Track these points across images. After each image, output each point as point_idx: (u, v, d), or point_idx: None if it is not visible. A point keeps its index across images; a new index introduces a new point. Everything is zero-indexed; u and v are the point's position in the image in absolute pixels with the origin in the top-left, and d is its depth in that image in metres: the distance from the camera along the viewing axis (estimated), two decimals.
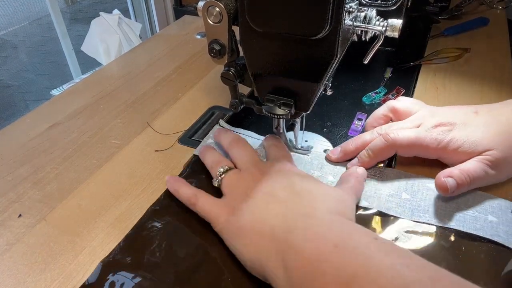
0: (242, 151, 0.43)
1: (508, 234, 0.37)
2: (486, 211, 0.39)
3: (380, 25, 0.38)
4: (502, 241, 0.36)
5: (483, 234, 0.37)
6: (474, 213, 0.39)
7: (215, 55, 0.41)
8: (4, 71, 2.59)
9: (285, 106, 0.40)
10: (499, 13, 0.86)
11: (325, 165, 0.46)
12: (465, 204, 0.40)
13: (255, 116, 0.55)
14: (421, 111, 0.45)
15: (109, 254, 0.37)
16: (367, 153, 0.44)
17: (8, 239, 0.39)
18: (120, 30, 1.64)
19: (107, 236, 0.39)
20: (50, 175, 0.46)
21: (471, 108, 0.43)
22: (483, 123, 0.41)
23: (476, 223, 0.38)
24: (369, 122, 0.48)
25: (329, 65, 0.36)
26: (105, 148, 0.50)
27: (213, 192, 0.41)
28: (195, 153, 0.48)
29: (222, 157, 0.43)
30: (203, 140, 0.50)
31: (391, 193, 0.41)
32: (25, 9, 3.44)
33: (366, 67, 0.67)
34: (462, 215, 0.39)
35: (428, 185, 0.42)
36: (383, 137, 0.43)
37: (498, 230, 0.37)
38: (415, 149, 0.42)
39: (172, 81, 0.65)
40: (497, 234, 0.37)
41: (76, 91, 0.63)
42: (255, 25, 0.35)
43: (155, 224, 0.40)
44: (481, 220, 0.38)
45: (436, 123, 0.42)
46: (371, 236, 0.31)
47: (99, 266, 0.36)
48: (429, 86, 0.61)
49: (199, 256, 0.36)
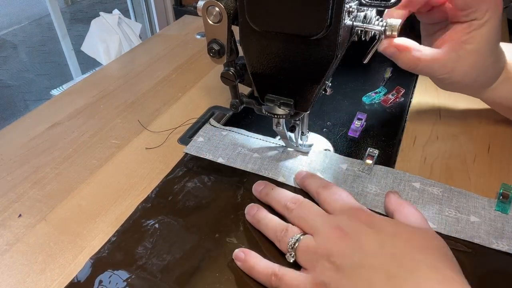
0: (308, 210, 0.37)
1: (489, 234, 0.37)
2: (469, 211, 0.39)
3: (380, 25, 0.38)
4: (482, 242, 0.37)
5: (463, 236, 0.37)
6: (457, 214, 0.39)
7: (214, 55, 0.40)
8: (4, 71, 2.59)
9: (285, 106, 0.40)
10: None
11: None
12: (448, 205, 0.40)
13: (255, 116, 0.55)
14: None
15: (98, 251, 0.37)
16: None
17: (8, 239, 0.39)
18: (120, 30, 1.64)
19: (107, 236, 0.39)
20: (50, 175, 0.46)
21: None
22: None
23: (458, 225, 0.38)
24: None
25: (329, 65, 0.36)
26: (105, 148, 0.50)
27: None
28: (185, 151, 0.48)
29: (283, 223, 0.37)
30: (193, 139, 0.50)
31: (378, 192, 0.42)
32: (25, 9, 3.44)
33: (366, 67, 0.67)
34: (444, 217, 0.39)
35: (414, 184, 0.42)
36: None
37: (479, 230, 0.38)
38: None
39: (172, 81, 0.65)
40: (477, 235, 0.37)
41: (76, 91, 0.63)
42: (255, 25, 0.35)
43: (146, 221, 0.40)
44: (463, 222, 0.39)
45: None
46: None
47: (88, 264, 0.36)
48: (429, 86, 0.61)
49: (193, 255, 0.36)
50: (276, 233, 0.36)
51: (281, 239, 0.35)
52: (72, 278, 0.35)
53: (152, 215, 0.40)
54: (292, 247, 0.34)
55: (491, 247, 0.36)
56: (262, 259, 0.35)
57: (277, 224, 0.37)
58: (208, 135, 0.51)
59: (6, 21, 3.28)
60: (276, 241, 0.36)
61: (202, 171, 0.46)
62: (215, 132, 0.51)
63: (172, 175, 0.45)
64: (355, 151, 0.49)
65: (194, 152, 0.48)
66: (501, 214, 0.39)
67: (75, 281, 0.35)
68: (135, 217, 0.40)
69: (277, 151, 0.48)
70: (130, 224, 0.40)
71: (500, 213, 0.39)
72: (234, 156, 0.47)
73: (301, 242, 0.34)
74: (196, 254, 0.36)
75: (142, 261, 0.36)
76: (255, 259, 0.35)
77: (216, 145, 0.49)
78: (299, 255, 0.34)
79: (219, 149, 0.48)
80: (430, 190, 0.42)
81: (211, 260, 0.36)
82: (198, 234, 0.38)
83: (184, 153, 0.48)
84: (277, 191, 0.40)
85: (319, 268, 0.32)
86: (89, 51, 1.68)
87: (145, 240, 0.38)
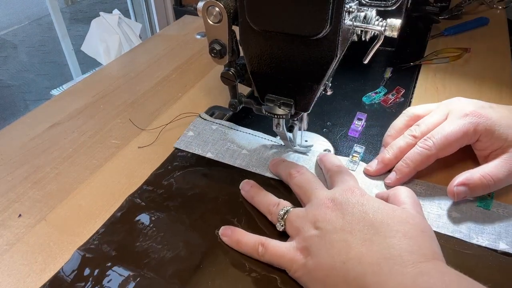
0: (304, 180, 0.40)
1: (470, 229, 0.38)
2: (451, 207, 0.40)
3: (380, 25, 0.38)
4: (463, 237, 0.37)
5: (445, 231, 0.38)
6: (439, 210, 0.40)
7: (215, 55, 0.41)
8: (4, 71, 2.59)
9: (285, 106, 0.40)
10: (499, 13, 0.86)
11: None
12: (431, 203, 0.41)
13: (254, 116, 0.55)
14: (442, 102, 0.45)
15: (86, 241, 0.38)
16: (406, 164, 0.42)
17: (8, 239, 0.39)
18: (120, 30, 1.64)
19: None
20: (50, 175, 0.46)
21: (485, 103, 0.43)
22: (508, 111, 0.41)
23: (439, 220, 0.39)
24: (390, 135, 0.46)
25: (329, 65, 0.36)
26: (105, 148, 0.50)
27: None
28: (175, 146, 0.49)
29: (276, 198, 0.40)
30: (183, 133, 0.51)
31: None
32: (25, 9, 3.43)
33: (366, 67, 0.67)
34: (426, 213, 0.39)
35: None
36: (422, 147, 0.41)
37: (460, 226, 0.38)
38: (455, 145, 0.41)
39: (172, 81, 0.65)
40: (458, 230, 0.38)
41: (76, 91, 0.63)
42: (255, 25, 0.35)
43: (134, 214, 0.40)
44: (444, 217, 0.39)
45: (467, 112, 0.41)
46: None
47: (76, 255, 0.36)
48: (429, 86, 0.61)
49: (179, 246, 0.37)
50: (268, 207, 0.39)
51: (273, 212, 0.38)
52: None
53: (140, 208, 0.41)
54: (282, 217, 0.37)
55: (471, 242, 0.37)
56: (248, 233, 0.37)
57: (270, 199, 0.40)
58: (198, 129, 0.51)
59: (6, 21, 3.27)
60: (268, 214, 0.39)
61: (190, 165, 0.46)
62: (205, 126, 0.52)
63: (162, 169, 0.46)
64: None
65: (184, 146, 0.49)
66: (483, 210, 0.40)
67: (60, 274, 0.35)
68: (123, 210, 0.41)
69: (266, 147, 0.48)
70: (117, 218, 0.40)
71: (482, 209, 0.40)
72: (223, 152, 0.48)
73: (290, 212, 0.37)
74: (185, 246, 0.37)
75: (130, 252, 0.37)
76: (242, 233, 0.37)
77: (205, 140, 0.50)
78: (288, 224, 0.37)
79: (208, 144, 0.49)
80: (413, 188, 0.42)
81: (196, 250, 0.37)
82: (184, 225, 0.39)
83: (174, 147, 0.49)
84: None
85: (304, 232, 0.34)
86: (89, 51, 1.68)
87: (133, 233, 0.38)
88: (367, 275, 0.29)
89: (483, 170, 0.39)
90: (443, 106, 0.44)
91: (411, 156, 0.42)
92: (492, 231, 0.37)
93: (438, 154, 0.41)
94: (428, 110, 0.46)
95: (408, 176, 0.42)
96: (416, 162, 0.41)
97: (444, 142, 0.40)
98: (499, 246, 0.36)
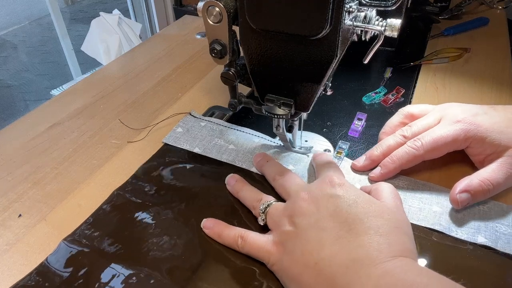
0: (286, 182, 0.41)
1: (450, 223, 0.38)
2: (432, 202, 0.40)
3: (380, 25, 0.38)
4: (442, 229, 0.38)
5: (424, 224, 0.38)
6: (420, 204, 0.40)
7: (216, 55, 0.41)
8: (4, 71, 2.59)
9: (285, 106, 0.40)
10: (499, 13, 0.86)
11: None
12: (412, 197, 0.41)
13: (254, 116, 0.55)
14: (438, 106, 0.45)
15: (72, 232, 0.38)
16: (392, 160, 0.42)
17: (8, 239, 0.39)
18: (120, 30, 1.64)
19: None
20: (50, 175, 0.46)
21: (485, 106, 0.44)
22: (504, 115, 0.41)
23: (420, 214, 0.39)
24: (385, 131, 0.47)
25: (329, 65, 0.36)
26: (105, 148, 0.50)
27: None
28: (163, 141, 0.50)
29: (260, 193, 0.41)
30: (173, 129, 0.52)
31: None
32: (25, 9, 3.43)
33: (366, 67, 0.67)
34: (407, 207, 0.40)
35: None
36: (411, 146, 0.42)
37: (440, 219, 0.39)
38: (443, 149, 0.42)
39: (172, 81, 0.65)
40: (438, 223, 0.38)
41: (76, 91, 0.63)
42: (255, 25, 0.35)
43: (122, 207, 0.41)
44: (425, 211, 0.40)
45: (459, 119, 0.41)
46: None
47: (62, 245, 0.37)
48: (429, 86, 0.61)
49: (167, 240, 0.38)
50: (252, 202, 0.40)
51: (256, 206, 0.39)
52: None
53: (128, 203, 0.41)
54: (263, 211, 0.38)
55: (450, 234, 0.37)
56: (229, 226, 0.38)
57: (254, 194, 0.41)
58: (187, 126, 0.52)
59: (6, 21, 3.27)
60: (251, 209, 0.40)
61: (178, 160, 0.47)
62: (194, 123, 0.52)
63: (150, 163, 0.47)
64: (355, 151, 0.49)
65: (172, 142, 0.50)
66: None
67: (44, 264, 0.35)
68: (110, 203, 0.42)
69: (253, 142, 0.49)
70: (105, 210, 0.41)
71: None
72: (210, 147, 0.48)
73: (271, 206, 0.38)
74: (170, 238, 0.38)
75: (116, 242, 0.37)
76: (223, 225, 0.38)
77: (194, 136, 0.50)
78: (268, 218, 0.37)
79: (196, 139, 0.50)
80: (396, 183, 0.42)
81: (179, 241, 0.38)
82: (169, 218, 0.40)
83: (162, 142, 0.50)
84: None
85: (281, 227, 0.35)
86: (89, 51, 1.68)
87: (120, 224, 0.39)
88: (337, 277, 0.30)
89: (481, 175, 0.39)
90: (438, 110, 0.45)
91: (398, 154, 0.42)
92: (472, 225, 0.38)
93: (425, 155, 0.42)
94: (424, 111, 0.46)
95: (393, 173, 0.43)
96: (402, 160, 0.42)
97: (433, 145, 0.41)
98: (477, 239, 0.36)
